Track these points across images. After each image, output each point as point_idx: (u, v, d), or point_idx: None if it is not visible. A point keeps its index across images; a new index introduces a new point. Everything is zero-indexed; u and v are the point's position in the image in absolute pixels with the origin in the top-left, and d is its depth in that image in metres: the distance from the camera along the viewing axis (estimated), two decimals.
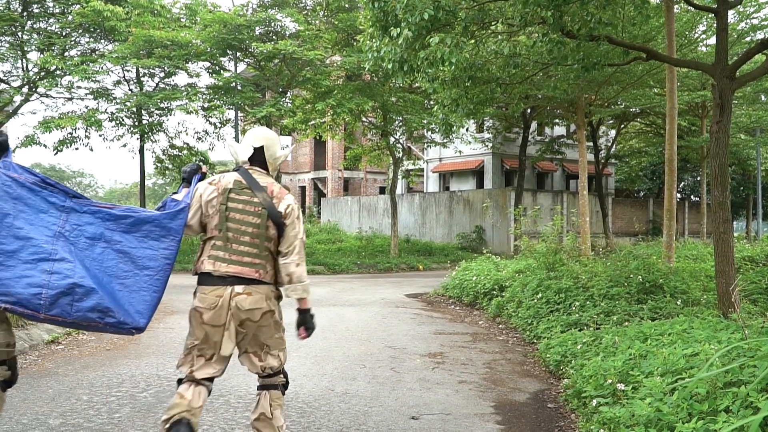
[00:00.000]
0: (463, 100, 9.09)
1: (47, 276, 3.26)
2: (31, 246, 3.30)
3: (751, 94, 23.67)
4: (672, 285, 8.44)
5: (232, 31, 18.90)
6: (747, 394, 3.32)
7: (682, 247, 15.03)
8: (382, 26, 7.91)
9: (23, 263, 3.26)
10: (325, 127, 24.33)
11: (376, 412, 5.11)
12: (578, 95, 17.68)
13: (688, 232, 34.28)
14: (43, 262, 3.28)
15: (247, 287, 3.60)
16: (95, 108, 20.76)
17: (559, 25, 7.31)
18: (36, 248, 3.30)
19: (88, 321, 3.31)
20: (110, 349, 7.59)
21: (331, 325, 9.56)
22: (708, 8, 8.16)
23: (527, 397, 5.72)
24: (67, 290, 3.26)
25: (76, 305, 3.27)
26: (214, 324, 3.62)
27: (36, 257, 3.28)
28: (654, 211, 34.00)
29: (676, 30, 15.09)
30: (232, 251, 3.62)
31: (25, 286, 3.21)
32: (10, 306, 3.21)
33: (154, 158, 23.30)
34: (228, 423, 4.79)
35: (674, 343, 4.86)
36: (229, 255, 3.61)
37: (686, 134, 26.29)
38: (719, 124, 7.08)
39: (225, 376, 6.25)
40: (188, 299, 11.82)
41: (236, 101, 20.19)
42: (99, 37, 21.63)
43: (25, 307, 3.22)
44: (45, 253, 3.30)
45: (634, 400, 3.92)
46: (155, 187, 73.20)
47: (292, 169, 44.81)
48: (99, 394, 5.55)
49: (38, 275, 3.25)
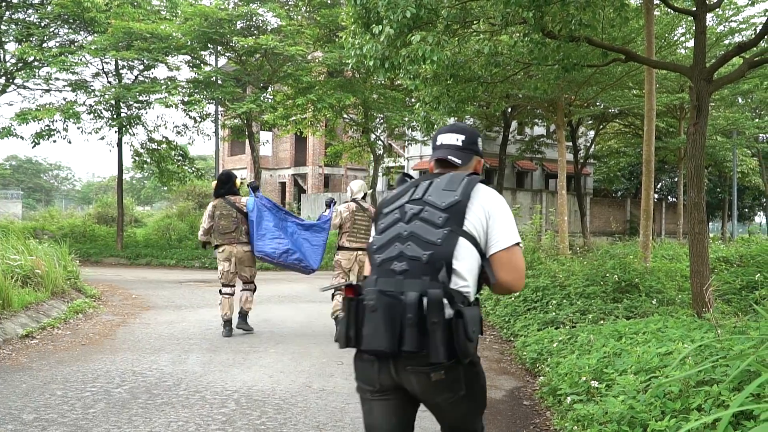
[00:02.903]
0: (445, 98, 9.11)
1: (277, 244, 8.02)
2: (270, 232, 8.03)
3: (729, 96, 23.91)
4: (647, 284, 8.53)
5: (213, 25, 18.80)
6: (719, 392, 3.36)
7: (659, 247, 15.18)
8: (364, 23, 7.91)
9: (268, 239, 8.00)
10: (305, 123, 24.27)
11: (352, 409, 5.12)
12: (558, 95, 17.79)
13: (665, 232, 34.63)
14: (276, 239, 8.03)
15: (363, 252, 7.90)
16: (73, 100, 20.55)
17: (540, 25, 7.35)
18: (272, 233, 8.04)
19: (293, 263, 8.12)
20: (85, 344, 7.53)
21: (309, 321, 9.56)
22: (687, 11, 8.24)
23: (503, 395, 5.75)
24: (285, 251, 8.02)
25: (290, 257, 8.07)
26: (346, 266, 8.29)
27: (272, 237, 8.03)
28: (631, 211, 34.30)
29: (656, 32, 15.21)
30: (357, 238, 8.23)
31: (269, 248, 7.99)
32: (263, 255, 8.01)
33: (132, 152, 23.13)
34: (204, 419, 4.78)
35: (648, 342, 4.91)
36: (355, 239, 8.23)
37: (664, 135, 26.52)
38: (696, 125, 7.16)
39: (202, 372, 6.24)
40: (164, 294, 11.80)
41: (216, 96, 20.08)
42: (78, 29, 21.38)
43: (269, 256, 8.00)
44: (276, 236, 8.05)
45: (608, 397, 3.97)
46: (133, 181, 72.60)
47: (273, 165, 44.65)
48: (73, 390, 5.51)
49: (274, 244, 8.01)
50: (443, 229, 2.46)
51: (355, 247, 8.16)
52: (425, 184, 2.62)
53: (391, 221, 2.59)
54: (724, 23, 20.39)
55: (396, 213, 2.60)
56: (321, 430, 4.62)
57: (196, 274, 17.77)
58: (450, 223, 2.47)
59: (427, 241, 2.45)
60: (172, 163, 23.71)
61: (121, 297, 11.94)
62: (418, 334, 2.30)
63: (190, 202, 34.71)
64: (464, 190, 2.53)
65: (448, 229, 2.46)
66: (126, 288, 13.41)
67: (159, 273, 17.94)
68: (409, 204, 2.58)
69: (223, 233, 8.14)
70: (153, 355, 7.01)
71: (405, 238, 2.49)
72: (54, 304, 9.43)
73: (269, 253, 7.94)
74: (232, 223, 8.11)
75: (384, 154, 26.13)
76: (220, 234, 8.16)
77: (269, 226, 8.00)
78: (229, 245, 8.13)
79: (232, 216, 8.13)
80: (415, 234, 2.48)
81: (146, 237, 25.11)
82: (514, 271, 2.55)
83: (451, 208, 2.49)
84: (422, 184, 2.63)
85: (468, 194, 2.53)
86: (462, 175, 2.61)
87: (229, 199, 8.22)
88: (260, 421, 4.76)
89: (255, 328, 8.67)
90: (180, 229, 25.63)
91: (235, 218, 8.13)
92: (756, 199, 40.35)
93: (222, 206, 8.17)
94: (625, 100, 22.34)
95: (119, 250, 21.99)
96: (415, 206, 2.55)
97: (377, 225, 2.68)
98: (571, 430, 4.16)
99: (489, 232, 2.54)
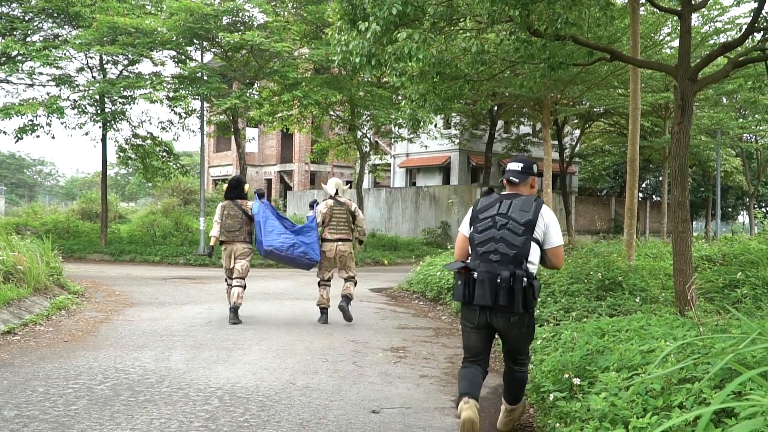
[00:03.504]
0: (431, 96, 9.11)
1: (284, 239, 8.69)
2: (277, 229, 8.77)
3: (713, 96, 24.09)
4: (631, 282, 8.57)
5: (198, 20, 18.69)
6: (700, 390, 3.38)
7: (643, 246, 15.23)
8: (351, 20, 7.89)
9: (276, 235, 8.71)
10: (292, 120, 24.23)
11: (336, 406, 5.12)
12: (544, 94, 17.86)
13: (649, 231, 34.85)
14: (281, 235, 8.72)
15: (344, 243, 9.05)
16: (57, 95, 20.37)
17: (526, 23, 7.36)
18: (279, 230, 8.77)
19: (299, 256, 8.73)
20: (68, 341, 7.48)
21: (294, 318, 9.54)
22: (672, 10, 8.28)
23: (487, 392, 5.77)
24: (292, 245, 8.66)
25: (296, 251, 8.68)
26: (330, 256, 9.03)
27: (279, 233, 8.74)
28: (616, 209, 34.49)
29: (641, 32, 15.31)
30: (336, 230, 9.02)
31: (277, 242, 8.64)
32: (272, 249, 8.64)
33: (116, 147, 22.98)
34: (187, 416, 4.76)
35: (631, 340, 4.93)
36: (336, 230, 9.02)
37: (649, 135, 26.68)
38: (680, 125, 7.20)
39: (185, 369, 6.21)
40: (147, 291, 11.76)
41: (202, 91, 19.97)
42: (63, 23, 21.20)
43: (278, 250, 8.62)
44: (282, 232, 8.76)
45: (590, 394, 3.98)
46: (117, 177, 72.19)
47: (259, 162, 44.53)
48: (55, 386, 5.47)
49: (281, 239, 8.69)
50: (522, 237, 4.24)
51: (336, 238, 8.99)
52: (507, 203, 4.35)
53: (487, 226, 4.34)
54: (710, 23, 20.55)
55: (489, 221, 4.34)
56: (305, 427, 4.62)
57: (180, 271, 17.69)
58: (526, 233, 4.25)
59: (512, 245, 4.23)
60: (157, 159, 23.59)
61: (105, 293, 11.87)
62: (507, 295, 4.13)
63: (175, 199, 34.59)
64: (534, 211, 4.29)
65: (525, 237, 4.24)
66: (109, 284, 13.33)
67: (143, 269, 17.85)
68: (498, 216, 4.32)
69: (228, 231, 9.00)
70: (136, 351, 6.97)
71: (497, 240, 4.26)
72: (36, 300, 9.36)
73: (278, 247, 8.66)
74: (237, 223, 9.00)
75: (370, 151, 26.11)
76: (226, 232, 9.01)
77: (275, 224, 8.83)
78: (231, 243, 8.99)
79: (238, 217, 9.02)
80: (504, 239, 4.25)
81: (130, 233, 24.98)
82: (558, 258, 4.45)
83: (527, 223, 4.26)
84: (505, 202, 4.36)
85: (536, 214, 4.29)
86: (531, 199, 4.35)
87: (237, 202, 9.12)
88: (243, 419, 4.75)
89: (239, 325, 8.71)
90: (164, 225, 25.52)
91: (240, 219, 9.02)
92: (739, 198, 40.67)
93: (230, 207, 9.09)
94: (611, 100, 22.47)
95: (103, 247, 21.86)
96: (503, 219, 4.30)
97: (476, 225, 4.40)
98: (554, 427, 4.18)
99: (546, 236, 4.36)
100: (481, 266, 4.22)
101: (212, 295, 12.16)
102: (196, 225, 24.99)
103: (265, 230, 8.76)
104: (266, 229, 8.77)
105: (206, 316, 9.47)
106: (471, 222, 4.46)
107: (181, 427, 4.51)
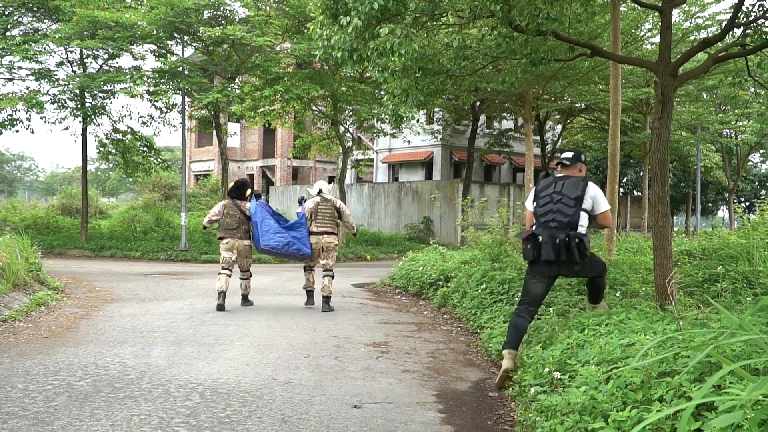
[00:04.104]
0: (413, 91, 9.09)
1: (280, 238, 9.50)
2: (273, 228, 9.55)
3: (694, 92, 24.27)
4: (611, 277, 8.61)
5: (179, 14, 18.55)
6: (680, 383, 3.41)
7: (623, 240, 15.33)
8: (332, 14, 7.85)
9: (272, 234, 9.50)
10: (274, 115, 24.14)
11: (318, 402, 5.11)
12: (526, 89, 17.92)
13: (629, 225, 35.10)
14: (277, 234, 9.53)
15: (329, 236, 9.83)
16: (37, 89, 20.17)
17: (508, 19, 7.36)
18: (275, 229, 9.55)
19: (294, 252, 9.58)
20: (48, 337, 7.42)
21: (276, 313, 9.52)
22: (653, 6, 8.31)
23: (469, 386, 5.79)
24: (287, 243, 9.49)
25: (291, 248, 9.53)
26: (316, 248, 9.78)
27: (275, 232, 9.53)
28: None
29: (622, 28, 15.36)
30: (322, 224, 9.78)
31: (273, 241, 9.47)
32: (269, 248, 9.55)
33: (97, 142, 22.80)
34: (167, 412, 4.73)
35: (611, 333, 4.96)
36: (321, 224, 9.78)
37: (629, 130, 26.83)
38: (661, 120, 7.24)
39: (165, 365, 6.18)
40: (129, 287, 11.69)
41: (183, 86, 19.85)
42: (42, 17, 20.97)
43: (274, 248, 9.51)
44: (278, 231, 9.55)
45: (571, 388, 4.01)
46: (98, 172, 71.57)
47: (241, 157, 44.34)
48: (35, 383, 5.42)
49: (278, 238, 9.50)
50: (573, 209, 5.70)
51: (321, 231, 9.90)
52: (561, 183, 5.85)
53: (546, 201, 5.81)
54: (691, 19, 20.70)
55: (548, 197, 5.82)
56: (286, 422, 4.61)
57: (161, 267, 17.59)
58: (576, 205, 5.71)
59: (566, 214, 5.69)
60: (138, 154, 23.44)
61: (85, 289, 11.78)
62: (566, 252, 5.55)
63: (156, 194, 34.40)
64: (582, 188, 5.78)
65: (576, 209, 5.71)
66: (90, 280, 13.23)
67: (124, 265, 17.73)
68: (554, 193, 5.80)
69: (226, 229, 9.82)
70: (116, 348, 6.93)
71: (554, 212, 5.73)
72: (15, 296, 9.26)
73: (274, 245, 9.58)
74: (235, 222, 9.83)
75: (353, 146, 26.08)
76: (224, 229, 9.84)
77: (272, 223, 9.65)
78: (232, 239, 9.81)
79: (236, 216, 9.85)
80: (560, 210, 5.72)
81: (111, 229, 24.80)
82: (606, 219, 5.93)
83: (577, 198, 5.73)
84: (559, 182, 5.87)
85: (584, 191, 5.77)
86: (579, 179, 5.88)
87: (237, 202, 9.95)
88: (225, 414, 4.73)
89: (221, 321, 8.68)
90: (145, 221, 25.35)
91: (238, 218, 9.85)
92: (719, 193, 41.07)
93: (230, 206, 9.91)
94: (592, 95, 22.59)
95: (83, 242, 21.69)
96: (558, 195, 5.78)
97: (538, 201, 5.88)
98: (534, 421, 4.20)
99: (594, 206, 5.83)
100: (543, 232, 5.68)
101: (193, 290, 12.10)
102: (177, 220, 24.84)
103: (262, 230, 9.63)
104: (263, 228, 9.63)
105: (187, 312, 9.42)
106: (534, 199, 5.97)
107: (161, 424, 4.49)
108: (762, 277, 7.67)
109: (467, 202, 16.84)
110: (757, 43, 7.81)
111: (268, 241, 9.57)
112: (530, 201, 6.05)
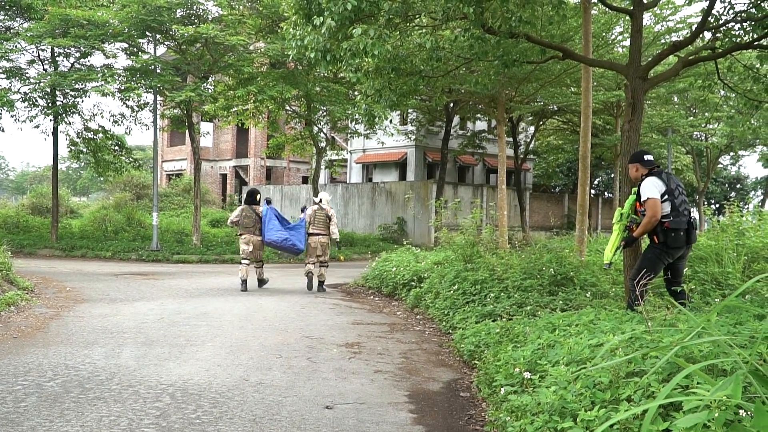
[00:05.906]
0: (386, 91, 9.11)
1: (280, 234, 12.46)
2: (276, 227, 12.52)
3: (665, 95, 24.54)
4: (582, 278, 8.70)
5: (151, 12, 18.35)
6: (648, 383, 3.45)
7: (594, 241, 15.48)
8: (306, 14, 7.85)
9: (274, 231, 12.49)
10: (247, 115, 23.99)
11: (290, 402, 5.11)
12: (499, 91, 18.01)
13: (600, 227, 35.40)
14: (278, 231, 12.48)
15: (322, 237, 12.45)
16: (7, 87, 19.87)
17: (480, 21, 7.42)
18: (277, 227, 12.53)
19: (290, 246, 12.56)
20: (17, 337, 7.32)
21: (248, 314, 9.48)
22: (624, 9, 8.40)
23: (441, 387, 5.82)
24: (285, 239, 12.47)
25: (287, 243, 12.49)
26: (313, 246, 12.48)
27: (277, 230, 12.51)
28: (569, 206, 34.96)
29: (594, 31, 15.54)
30: (317, 227, 12.45)
31: (274, 237, 12.45)
32: (270, 241, 12.52)
33: (68, 141, 22.50)
34: (137, 413, 4.70)
35: (581, 334, 5.01)
36: (316, 228, 12.44)
37: (601, 132, 27.07)
38: (631, 123, 7.34)
39: (136, 366, 6.13)
40: (99, 287, 11.55)
41: (155, 84, 19.65)
42: (14, 15, 20.70)
43: (275, 242, 12.49)
44: (279, 229, 12.52)
45: (541, 388, 4.04)
46: (69, 171, 70.64)
47: (214, 156, 44.03)
48: (4, 383, 5.36)
49: (278, 234, 12.46)
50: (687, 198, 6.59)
51: (317, 233, 12.48)
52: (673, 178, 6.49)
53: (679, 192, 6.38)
54: (662, 22, 20.93)
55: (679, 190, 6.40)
56: (257, 423, 4.60)
57: (133, 267, 17.42)
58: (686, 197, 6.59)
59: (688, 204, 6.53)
60: (109, 153, 23.18)
61: (55, 289, 11.63)
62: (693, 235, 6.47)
63: (128, 193, 34.03)
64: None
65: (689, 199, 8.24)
66: (60, 280, 13.07)
67: (94, 265, 17.53)
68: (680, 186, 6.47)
69: (245, 227, 12.64)
70: (86, 348, 6.85)
71: (687, 203, 6.45)
72: None
73: (274, 240, 12.44)
74: (251, 222, 12.65)
75: (327, 146, 26.02)
76: (243, 227, 12.66)
77: (275, 223, 12.54)
78: (249, 234, 12.64)
79: (251, 217, 12.66)
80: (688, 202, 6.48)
81: (82, 228, 24.50)
82: None
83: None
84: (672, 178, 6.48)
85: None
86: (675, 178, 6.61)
87: (252, 207, 12.76)
88: (195, 415, 4.71)
89: (192, 322, 8.64)
90: (117, 220, 25.08)
91: (253, 219, 12.66)
92: (689, 195, 41.57)
93: (247, 210, 12.71)
94: (564, 97, 22.74)
95: (54, 242, 21.40)
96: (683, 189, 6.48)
97: (674, 193, 6.36)
98: (505, 421, 4.23)
99: None
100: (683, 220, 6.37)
101: (164, 291, 12.00)
102: (149, 220, 24.59)
103: (267, 227, 12.52)
104: (268, 226, 12.51)
105: (158, 313, 9.35)
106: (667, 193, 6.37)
107: (131, 425, 4.45)
108: (731, 279, 7.79)
109: (441, 202, 16.91)
110: (727, 46, 7.95)
111: (270, 236, 12.46)
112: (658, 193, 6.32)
